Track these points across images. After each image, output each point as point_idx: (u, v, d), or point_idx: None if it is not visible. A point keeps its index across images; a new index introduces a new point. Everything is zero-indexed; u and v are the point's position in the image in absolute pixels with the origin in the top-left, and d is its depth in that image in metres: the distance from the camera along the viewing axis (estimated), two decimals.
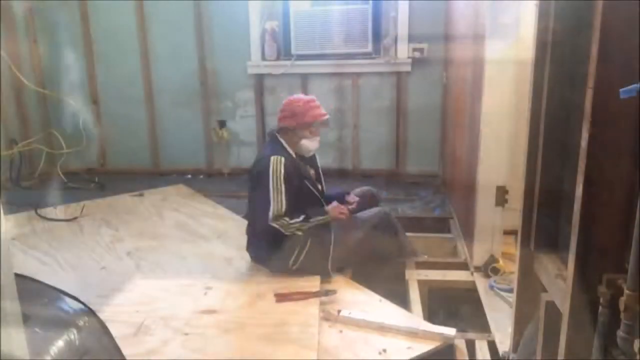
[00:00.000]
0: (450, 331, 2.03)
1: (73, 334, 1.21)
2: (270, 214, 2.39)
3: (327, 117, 2.59)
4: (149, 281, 2.52)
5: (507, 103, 2.36)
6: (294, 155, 2.52)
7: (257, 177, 2.48)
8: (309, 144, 2.56)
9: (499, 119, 2.38)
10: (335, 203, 2.54)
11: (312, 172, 2.63)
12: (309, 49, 3.96)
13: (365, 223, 2.57)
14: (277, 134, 2.56)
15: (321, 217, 2.46)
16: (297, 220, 2.41)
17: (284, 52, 4.07)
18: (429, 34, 3.86)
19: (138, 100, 4.25)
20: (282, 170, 2.40)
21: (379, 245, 2.57)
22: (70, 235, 3.09)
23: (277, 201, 2.39)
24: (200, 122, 4.26)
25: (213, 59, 4.13)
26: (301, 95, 2.63)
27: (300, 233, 2.42)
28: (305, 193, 2.50)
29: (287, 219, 2.39)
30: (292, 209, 2.41)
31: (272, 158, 2.43)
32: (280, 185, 2.39)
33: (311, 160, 2.67)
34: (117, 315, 2.14)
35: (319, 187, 2.63)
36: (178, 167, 4.36)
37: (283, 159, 2.43)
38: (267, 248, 2.49)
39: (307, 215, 2.43)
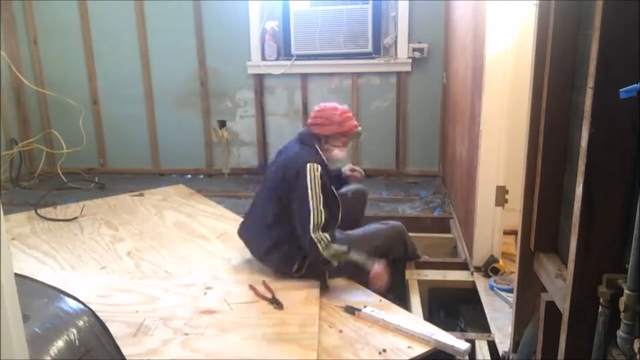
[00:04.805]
0: (462, 345, 1.97)
1: (73, 334, 1.21)
2: (311, 225, 2.25)
3: (360, 129, 2.50)
4: (149, 281, 2.52)
5: (507, 103, 2.36)
6: (326, 162, 2.42)
7: (295, 178, 2.31)
8: (340, 155, 2.48)
9: (499, 119, 2.38)
10: (380, 266, 2.34)
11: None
12: (309, 49, 3.96)
13: (378, 236, 2.57)
14: (311, 138, 2.45)
15: (363, 262, 2.31)
16: (339, 247, 2.27)
17: (283, 52, 4.07)
18: (429, 34, 3.87)
19: (138, 100, 4.25)
20: (320, 180, 2.28)
21: (389, 254, 2.57)
22: (70, 235, 3.09)
23: (318, 212, 2.25)
24: (200, 122, 4.26)
25: (213, 59, 4.13)
26: (336, 104, 2.48)
27: (335, 263, 2.27)
28: (332, 205, 2.40)
29: (327, 236, 2.25)
30: (327, 224, 2.28)
31: (309, 165, 2.29)
32: (318, 195, 2.26)
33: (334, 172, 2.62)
34: (117, 315, 2.14)
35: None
36: (178, 167, 4.36)
37: (319, 167, 2.31)
38: (285, 254, 2.41)
39: (348, 249, 2.29)
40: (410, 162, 4.16)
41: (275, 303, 2.23)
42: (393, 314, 2.19)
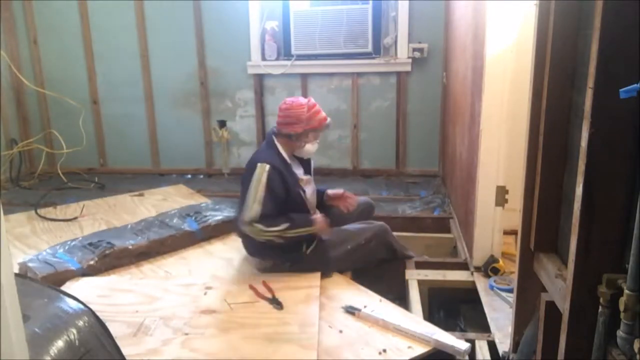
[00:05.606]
0: (462, 345, 1.98)
1: (73, 334, 1.21)
2: (243, 218, 2.37)
3: (329, 120, 2.54)
4: (148, 281, 2.52)
5: (507, 103, 2.36)
6: (287, 161, 2.48)
7: (244, 178, 2.46)
8: (311, 148, 2.53)
9: (499, 119, 2.38)
10: (321, 216, 2.48)
11: (302, 174, 2.57)
12: (309, 49, 3.96)
13: (361, 235, 2.57)
14: (274, 137, 2.50)
15: (305, 229, 2.39)
16: (276, 228, 2.34)
17: (283, 52, 4.07)
18: (429, 34, 3.87)
19: (138, 100, 4.25)
20: (265, 180, 2.35)
21: (372, 254, 2.60)
22: (70, 235, 3.09)
23: (251, 208, 2.34)
24: (200, 122, 4.26)
25: (213, 59, 4.14)
26: (300, 99, 2.51)
27: (280, 240, 2.36)
28: (292, 199, 2.45)
29: (260, 225, 2.34)
30: (272, 217, 2.36)
31: (259, 165, 2.38)
32: (257, 192, 2.35)
33: (305, 161, 2.63)
34: (117, 315, 2.15)
35: (309, 189, 2.58)
36: (178, 167, 4.36)
37: (268, 167, 2.36)
38: (259, 247, 2.48)
39: (291, 224, 2.36)
40: (410, 162, 4.16)
41: (275, 303, 2.23)
42: (393, 314, 2.20)
